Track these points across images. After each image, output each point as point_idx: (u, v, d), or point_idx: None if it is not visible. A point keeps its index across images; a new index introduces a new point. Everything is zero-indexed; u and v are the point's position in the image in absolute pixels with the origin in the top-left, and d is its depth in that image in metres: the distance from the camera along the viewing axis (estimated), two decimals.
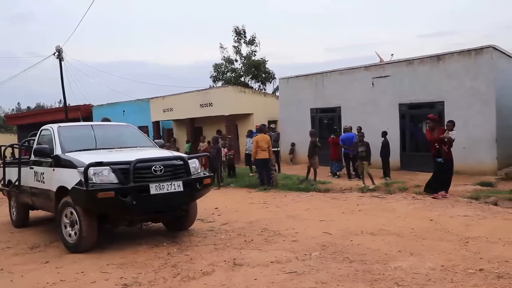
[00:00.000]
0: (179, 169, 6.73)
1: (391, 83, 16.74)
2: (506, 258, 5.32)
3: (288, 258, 5.62)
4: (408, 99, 16.29)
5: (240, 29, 35.15)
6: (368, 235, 6.82)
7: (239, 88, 25.15)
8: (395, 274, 4.88)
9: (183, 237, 7.14)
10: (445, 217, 8.04)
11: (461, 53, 15.01)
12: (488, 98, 14.32)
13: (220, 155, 15.17)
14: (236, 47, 35.64)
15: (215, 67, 36.37)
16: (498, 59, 14.77)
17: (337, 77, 18.75)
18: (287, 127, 20.66)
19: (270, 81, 36.25)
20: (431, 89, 15.61)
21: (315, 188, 12.68)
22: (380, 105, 16.97)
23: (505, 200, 10.31)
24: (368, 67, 17.71)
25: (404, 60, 16.71)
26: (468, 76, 14.72)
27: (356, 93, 17.88)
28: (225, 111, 22.74)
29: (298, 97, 20.37)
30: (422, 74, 15.89)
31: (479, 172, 14.23)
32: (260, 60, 35.44)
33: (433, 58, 15.68)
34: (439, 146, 10.18)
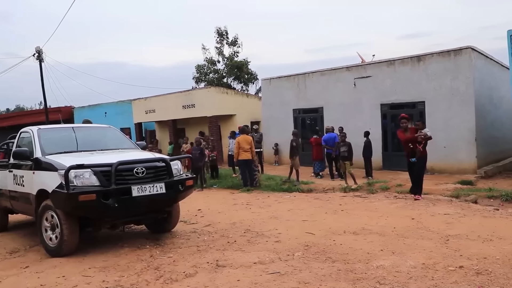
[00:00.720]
0: (161, 171, 6.69)
1: (373, 83, 16.90)
2: (485, 255, 5.40)
3: (271, 258, 5.63)
4: (389, 99, 16.47)
5: (223, 30, 35.15)
6: (351, 234, 6.87)
7: (222, 89, 25.15)
8: (377, 273, 4.92)
9: (166, 239, 7.10)
10: (426, 216, 8.14)
11: (440, 54, 15.23)
12: (467, 98, 14.55)
13: (203, 156, 15.14)
14: (218, 48, 35.63)
15: (198, 68, 36.29)
16: (477, 60, 15.01)
17: (319, 77, 18.87)
18: (270, 127, 20.72)
19: (253, 82, 36.31)
20: (412, 89, 15.81)
21: (298, 188, 12.73)
22: (362, 105, 17.12)
23: (485, 198, 10.48)
24: (349, 67, 17.86)
25: (385, 60, 16.90)
26: (448, 76, 14.94)
27: (338, 93, 18.03)
28: (208, 112, 22.70)
29: (281, 97, 20.45)
30: (403, 75, 16.08)
31: (459, 171, 14.46)
32: (242, 61, 35.45)
33: (414, 59, 15.88)
34: (413, 146, 9.97)
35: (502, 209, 8.94)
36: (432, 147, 15.16)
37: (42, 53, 25.69)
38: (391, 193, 11.18)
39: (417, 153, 9.95)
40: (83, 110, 31.06)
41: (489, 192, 10.79)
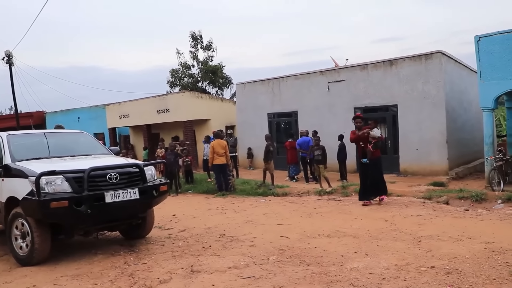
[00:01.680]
0: (134, 176, 6.63)
1: (346, 87, 17.11)
2: (455, 255, 5.53)
3: (246, 263, 5.64)
4: (362, 103, 16.68)
5: (197, 35, 35.08)
6: (325, 237, 6.93)
7: (196, 93, 25.09)
8: (351, 275, 4.98)
9: (141, 245, 7.05)
10: (399, 218, 8.27)
11: (412, 58, 15.52)
12: (438, 101, 14.85)
13: (178, 161, 15.08)
14: (193, 52, 35.55)
15: (172, 72, 36.13)
16: (447, 64, 15.33)
17: (293, 82, 19.00)
18: (244, 132, 20.75)
19: (228, 86, 36.34)
20: (385, 93, 16.06)
21: (273, 192, 12.76)
22: (336, 109, 17.30)
23: (456, 199, 10.69)
24: (323, 72, 18.03)
25: (358, 64, 17.13)
26: (419, 80, 15.23)
27: (312, 97, 18.18)
28: (182, 117, 22.60)
29: (255, 102, 20.51)
30: (376, 78, 16.32)
31: (432, 172, 14.73)
32: (217, 66, 35.45)
33: (386, 63, 16.13)
34: (364, 145, 9.79)
35: (472, 210, 9.15)
36: (405, 150, 15.54)
37: (12, 57, 25.16)
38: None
39: (368, 153, 9.77)
40: (55, 115, 30.60)
41: (460, 193, 11.01)
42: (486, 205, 10.03)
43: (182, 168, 15.95)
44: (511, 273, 4.75)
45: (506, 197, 10.25)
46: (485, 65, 12.27)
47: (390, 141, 16.18)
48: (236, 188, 13.56)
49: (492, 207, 9.70)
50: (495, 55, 12.06)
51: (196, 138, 23.50)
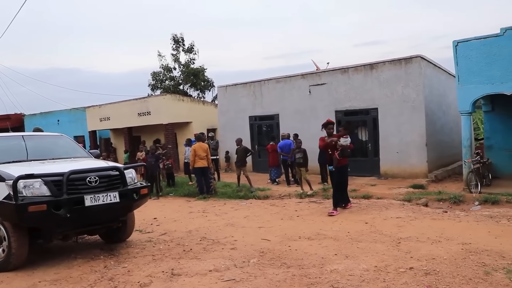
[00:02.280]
0: (115, 179, 6.59)
1: (327, 90, 17.21)
2: (433, 256, 5.62)
3: (227, 266, 5.65)
4: (343, 106, 16.81)
5: (179, 37, 34.94)
6: (306, 240, 6.97)
7: (178, 96, 25.00)
8: (331, 277, 5.02)
9: (121, 249, 7.00)
10: (379, 220, 8.36)
11: (392, 62, 15.69)
12: (418, 104, 15.04)
13: (159, 164, 15.01)
14: (174, 55, 35.36)
15: (153, 75, 35.90)
16: (426, 68, 15.54)
17: (275, 85, 19.06)
18: (226, 135, 20.73)
19: (209, 89, 36.20)
20: (365, 96, 16.20)
21: (254, 195, 12.78)
22: (317, 112, 17.38)
23: (435, 201, 10.89)
24: (304, 75, 18.12)
25: (339, 68, 17.25)
26: (399, 83, 15.40)
27: (293, 100, 18.26)
28: (164, 120, 22.50)
29: (237, 105, 20.53)
30: (356, 82, 16.45)
31: (411, 175, 14.91)
32: (199, 68, 35.34)
33: (367, 67, 16.27)
34: (332, 152, 9.46)
35: (450, 211, 9.30)
36: (385, 153, 15.70)
37: None
38: None
39: (334, 161, 9.48)
40: (34, 118, 30.22)
41: (439, 195, 11.20)
42: (464, 207, 10.21)
43: (163, 171, 15.90)
44: (486, 273, 4.85)
45: (483, 199, 10.45)
46: (463, 69, 12.48)
47: (370, 144, 16.33)
48: (217, 191, 13.56)
49: (470, 209, 9.88)
50: (472, 60, 12.26)
51: (177, 141, 23.42)
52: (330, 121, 9.86)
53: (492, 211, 9.08)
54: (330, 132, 9.67)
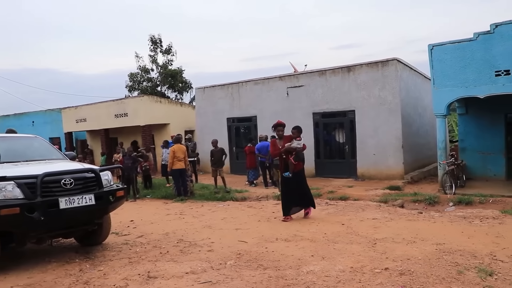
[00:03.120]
0: (90, 181, 6.51)
1: (305, 92, 17.32)
2: (408, 256, 5.70)
3: (203, 268, 5.63)
4: (321, 108, 16.93)
5: (156, 38, 34.79)
6: (283, 241, 6.98)
7: (155, 98, 24.86)
8: (307, 278, 5.04)
9: (97, 252, 6.91)
10: (355, 221, 8.43)
11: (369, 65, 15.86)
12: (394, 107, 15.24)
13: (136, 166, 14.89)
14: (152, 56, 35.21)
15: (131, 76, 35.69)
16: (402, 71, 15.76)
17: (253, 87, 19.10)
18: (203, 136, 20.68)
19: (187, 90, 36.16)
20: (343, 99, 16.35)
21: (231, 197, 12.77)
22: (294, 114, 17.47)
23: (410, 202, 11.05)
24: (282, 77, 18.20)
25: (317, 70, 17.37)
26: (376, 86, 15.59)
27: (271, 102, 18.32)
28: (141, 121, 22.36)
29: (215, 106, 20.51)
30: (334, 84, 16.59)
31: (388, 176, 15.10)
32: (176, 70, 35.25)
33: (344, 69, 16.43)
34: (286, 156, 8.87)
35: (425, 212, 9.43)
36: (362, 154, 15.85)
37: None
38: (323, 200, 11.47)
39: (290, 166, 8.86)
40: (7, 119, 29.72)
41: (414, 196, 11.37)
42: (439, 208, 10.38)
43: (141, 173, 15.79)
44: (459, 272, 4.94)
45: (457, 200, 10.64)
46: (438, 73, 12.69)
47: (348, 146, 16.47)
48: (195, 193, 13.51)
49: (444, 210, 10.04)
50: (447, 63, 12.49)
51: (155, 143, 23.29)
52: (280, 123, 9.12)
53: (465, 211, 9.24)
54: (280, 134, 9.05)
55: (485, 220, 8.08)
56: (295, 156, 8.80)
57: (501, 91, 11.66)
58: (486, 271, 4.97)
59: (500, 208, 9.43)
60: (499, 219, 8.12)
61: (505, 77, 11.53)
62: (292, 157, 8.77)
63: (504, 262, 5.35)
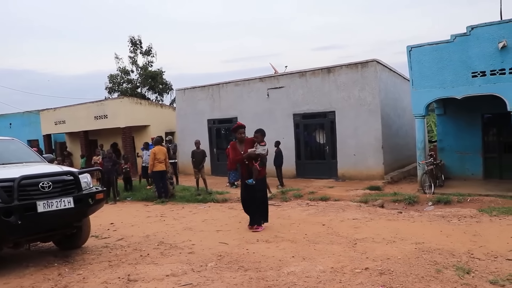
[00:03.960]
0: (69, 184, 6.42)
1: (285, 94, 17.37)
2: (388, 256, 5.76)
3: (184, 270, 5.60)
4: (301, 109, 16.99)
5: (136, 40, 34.55)
6: (264, 242, 6.99)
7: (135, 99, 24.66)
8: (288, 279, 5.05)
9: (76, 256, 6.83)
10: (336, 221, 8.49)
11: (349, 66, 15.97)
12: (374, 107, 15.36)
13: (116, 168, 14.75)
14: (132, 57, 34.96)
15: (111, 77, 35.38)
16: (381, 72, 15.90)
17: (233, 88, 19.08)
18: (184, 138, 20.59)
19: (167, 92, 36.00)
20: (323, 100, 16.43)
21: (213, 198, 12.74)
22: (275, 115, 17.53)
23: (390, 202, 11.16)
24: (263, 78, 18.22)
25: (297, 72, 17.42)
26: (356, 87, 15.70)
27: (252, 103, 18.33)
28: (121, 123, 22.16)
29: (195, 108, 20.44)
30: (314, 85, 16.66)
31: (368, 177, 15.21)
32: (157, 71, 35.05)
33: (324, 70, 16.50)
34: (250, 162, 8.07)
35: (405, 212, 9.56)
36: (342, 155, 15.95)
37: None
38: (303, 201, 11.52)
39: (254, 172, 8.04)
40: None
41: (394, 196, 11.48)
42: (418, 207, 10.51)
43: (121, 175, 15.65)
44: (437, 271, 5.01)
45: (436, 199, 10.78)
46: (417, 74, 12.84)
47: (328, 146, 16.56)
48: (175, 195, 13.45)
49: (424, 209, 10.17)
50: (425, 64, 12.65)
51: (135, 145, 23.12)
52: (240, 125, 8.34)
53: (444, 211, 9.37)
54: (241, 137, 8.23)
55: (463, 219, 8.22)
56: (260, 162, 8.12)
57: (477, 92, 11.86)
58: (463, 269, 5.06)
59: (478, 207, 9.60)
60: (476, 218, 8.27)
61: (481, 78, 11.74)
62: (258, 163, 8.06)
63: (481, 260, 5.45)
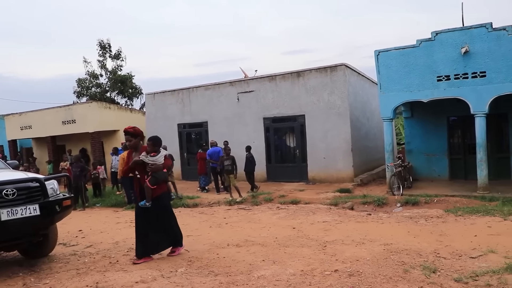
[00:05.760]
0: (34, 191, 6.28)
1: (255, 98, 17.41)
2: (357, 258, 5.83)
3: (154, 276, 5.54)
4: (271, 113, 17.06)
5: (105, 43, 34.09)
6: (234, 247, 6.99)
7: (104, 104, 24.34)
8: (258, 283, 5.05)
9: (42, 265, 6.68)
10: (306, 224, 8.55)
11: (318, 70, 16.12)
12: (343, 111, 15.54)
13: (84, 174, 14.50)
14: (101, 61, 34.45)
15: (79, 82, 34.78)
16: (350, 76, 16.11)
17: (203, 92, 19.02)
18: None
19: (137, 96, 35.59)
20: (293, 103, 16.54)
21: (183, 203, 12.66)
22: (245, 119, 17.55)
23: (360, 204, 11.29)
24: (233, 82, 18.23)
25: (267, 76, 17.49)
26: (325, 91, 15.86)
27: (222, 108, 18.32)
28: (90, 128, 21.84)
29: (165, 112, 20.30)
30: (284, 89, 16.76)
31: (338, 179, 15.37)
32: (126, 75, 34.63)
33: (294, 74, 16.62)
34: (141, 176, 6.50)
35: (374, 214, 9.69)
36: (313, 158, 16.07)
37: None
38: (274, 204, 11.55)
39: (146, 191, 6.43)
40: None
41: (364, 198, 11.64)
42: (387, 209, 10.67)
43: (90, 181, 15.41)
44: (405, 271, 5.09)
45: (404, 201, 10.98)
46: (384, 77, 13.06)
47: (298, 150, 16.67)
48: None
49: (392, 211, 10.34)
50: (392, 68, 12.88)
51: (104, 150, 22.80)
52: (126, 130, 6.55)
53: (412, 212, 9.55)
54: (129, 145, 6.64)
55: (430, 220, 8.39)
56: (151, 178, 6.39)
57: (442, 95, 12.16)
58: (430, 268, 5.16)
59: (444, 207, 9.82)
60: (442, 218, 8.45)
61: (446, 82, 12.04)
62: (148, 179, 6.40)
63: (446, 259, 5.58)
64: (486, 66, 11.56)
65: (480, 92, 11.63)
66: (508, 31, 11.26)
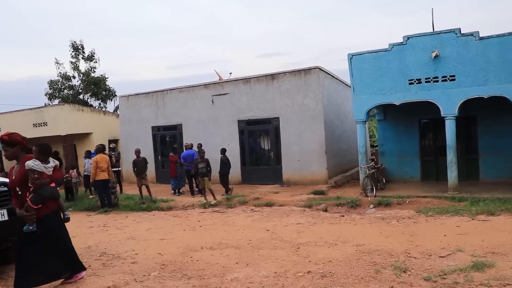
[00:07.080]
0: (3, 196, 6.16)
1: (230, 100, 17.41)
2: (330, 259, 5.88)
3: (126, 281, 5.49)
4: (246, 116, 17.08)
5: (78, 44, 33.61)
6: (208, 250, 6.97)
7: (77, 106, 23.98)
8: (231, 285, 5.05)
9: (11, 271, 6.49)
10: (280, 227, 8.57)
11: (292, 73, 16.21)
12: (317, 113, 15.66)
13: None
14: (73, 63, 33.94)
15: (51, 83, 34.19)
16: (324, 79, 16.24)
17: (178, 95, 18.93)
18: (128, 145, 20.19)
19: (111, 99, 35.18)
20: (267, 106, 16.59)
21: (157, 207, 12.55)
22: (220, 122, 17.54)
23: (334, 205, 11.38)
24: (207, 85, 18.19)
25: (241, 78, 17.50)
26: (299, 93, 15.95)
27: (196, 110, 18.26)
28: (62, 131, 21.50)
29: (139, 115, 20.12)
30: (258, 92, 16.79)
31: (312, 181, 15.47)
32: (100, 77, 34.21)
33: (268, 77, 16.67)
34: (23, 192, 5.26)
35: (347, 215, 9.77)
36: (287, 160, 16.14)
37: None
38: (248, 207, 11.54)
39: (27, 211, 5.11)
40: None
41: (337, 200, 11.73)
42: (360, 210, 10.78)
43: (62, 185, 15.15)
44: (376, 271, 5.17)
45: (377, 202, 11.11)
46: (357, 81, 13.21)
47: (273, 152, 16.72)
48: (119, 204, 13.17)
49: (365, 212, 10.44)
50: (365, 72, 13.03)
51: (77, 153, 22.46)
52: (1, 138, 5.53)
53: (384, 213, 9.67)
54: (8, 154, 5.49)
55: (401, 220, 8.51)
56: (34, 195, 5.20)
57: (414, 98, 12.37)
58: (401, 268, 5.24)
59: (415, 208, 9.98)
60: (413, 219, 8.58)
61: (417, 85, 12.25)
62: (30, 196, 5.20)
63: (417, 259, 5.67)
64: (455, 70, 11.82)
65: (450, 95, 11.87)
66: (475, 36, 11.54)
